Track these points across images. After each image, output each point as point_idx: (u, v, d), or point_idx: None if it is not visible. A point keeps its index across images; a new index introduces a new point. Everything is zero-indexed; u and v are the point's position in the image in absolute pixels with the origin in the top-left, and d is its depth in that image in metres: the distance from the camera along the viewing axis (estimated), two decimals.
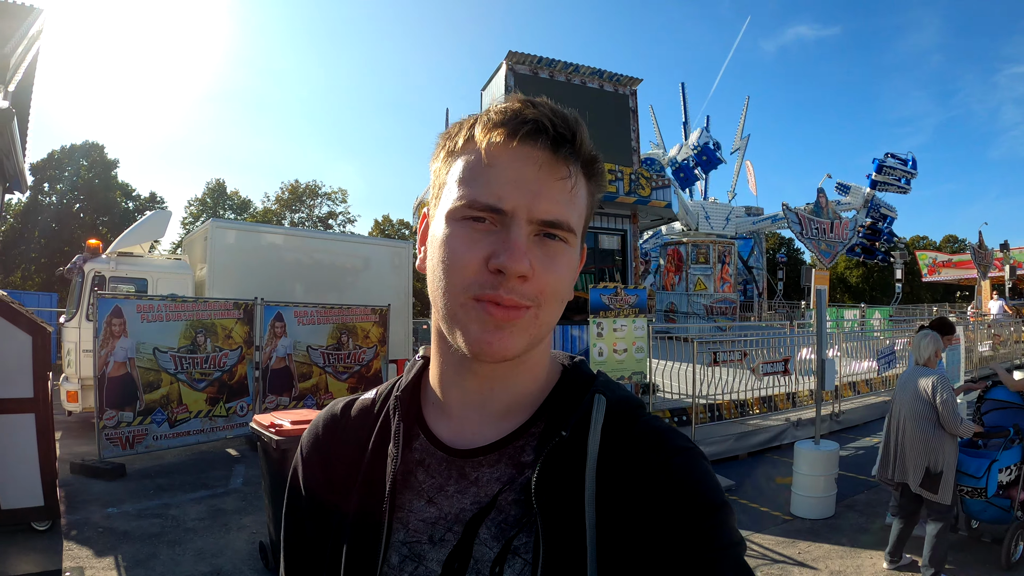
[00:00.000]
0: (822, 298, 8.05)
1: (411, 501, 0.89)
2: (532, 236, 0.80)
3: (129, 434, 8.66)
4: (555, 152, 0.80)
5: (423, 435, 0.92)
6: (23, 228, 35.76)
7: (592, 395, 0.88)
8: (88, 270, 11.03)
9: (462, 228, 0.80)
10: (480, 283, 0.78)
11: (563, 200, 0.81)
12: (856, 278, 58.63)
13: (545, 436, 0.85)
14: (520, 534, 0.81)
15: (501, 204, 0.78)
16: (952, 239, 61.40)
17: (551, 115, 0.81)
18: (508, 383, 0.89)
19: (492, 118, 0.81)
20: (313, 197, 51.64)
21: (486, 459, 0.87)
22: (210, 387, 9.55)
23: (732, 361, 10.20)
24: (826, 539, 6.40)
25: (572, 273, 0.86)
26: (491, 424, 0.90)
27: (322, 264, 14.05)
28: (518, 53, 12.04)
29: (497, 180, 0.79)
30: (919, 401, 5.38)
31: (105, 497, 7.38)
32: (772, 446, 9.82)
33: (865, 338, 15.11)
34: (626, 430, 0.85)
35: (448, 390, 0.92)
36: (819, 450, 7.11)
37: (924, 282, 41.61)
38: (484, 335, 0.79)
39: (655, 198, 11.93)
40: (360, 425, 0.99)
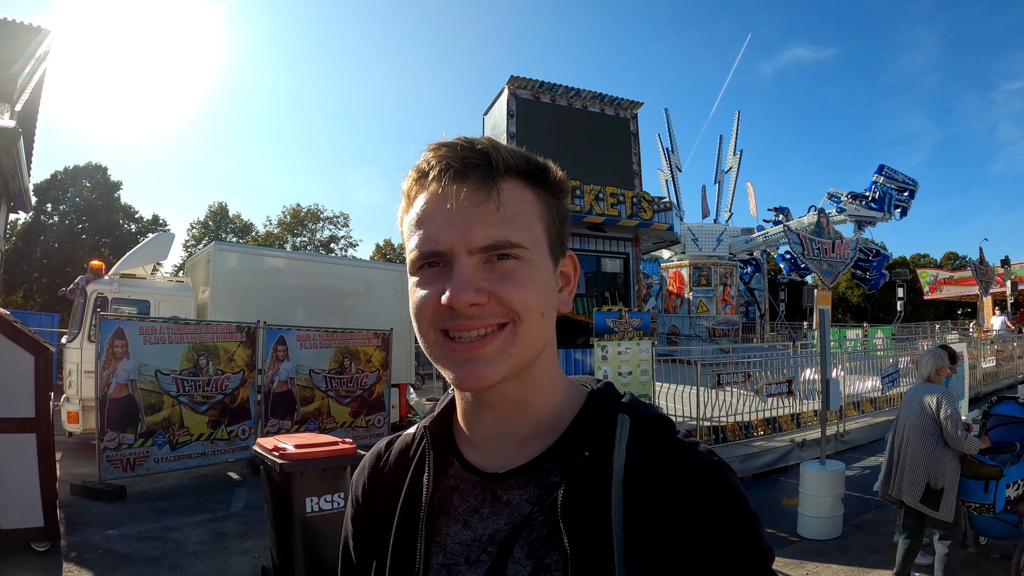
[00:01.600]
0: (825, 318, 8.02)
1: (448, 525, 0.91)
2: (482, 264, 0.83)
3: (130, 456, 8.62)
4: (467, 181, 0.83)
5: (457, 462, 0.96)
6: (26, 248, 35.85)
7: (616, 415, 0.89)
8: (91, 291, 11.05)
9: (420, 277, 0.86)
10: (441, 317, 0.83)
11: (494, 221, 0.83)
12: (857, 297, 58.52)
13: (570, 457, 0.87)
14: (552, 552, 0.82)
15: (439, 246, 0.83)
16: (953, 256, 61.34)
17: (457, 151, 0.84)
18: (522, 408, 0.91)
19: (412, 174, 0.88)
20: (315, 221, 51.76)
21: (516, 481, 0.89)
22: (212, 410, 9.52)
23: (736, 383, 10.16)
24: (834, 559, 6.33)
25: (543, 285, 0.87)
26: (517, 449, 0.92)
27: (324, 288, 14.07)
28: (520, 78, 12.10)
29: (431, 226, 0.84)
30: (923, 417, 5.32)
31: (105, 519, 7.34)
32: (777, 467, 9.75)
33: (868, 357, 15.07)
34: (651, 447, 0.86)
35: (470, 423, 0.96)
36: (825, 470, 7.07)
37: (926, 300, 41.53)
38: (457, 370, 0.84)
39: (657, 221, 11.94)
40: (401, 459, 1.03)
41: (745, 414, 10.54)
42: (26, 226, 36.33)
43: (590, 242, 11.96)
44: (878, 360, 14.28)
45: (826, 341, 7.98)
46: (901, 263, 54.00)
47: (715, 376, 9.99)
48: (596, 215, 11.32)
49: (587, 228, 11.63)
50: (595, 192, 11.28)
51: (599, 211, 11.35)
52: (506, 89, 12.46)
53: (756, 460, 9.66)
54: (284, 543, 5.05)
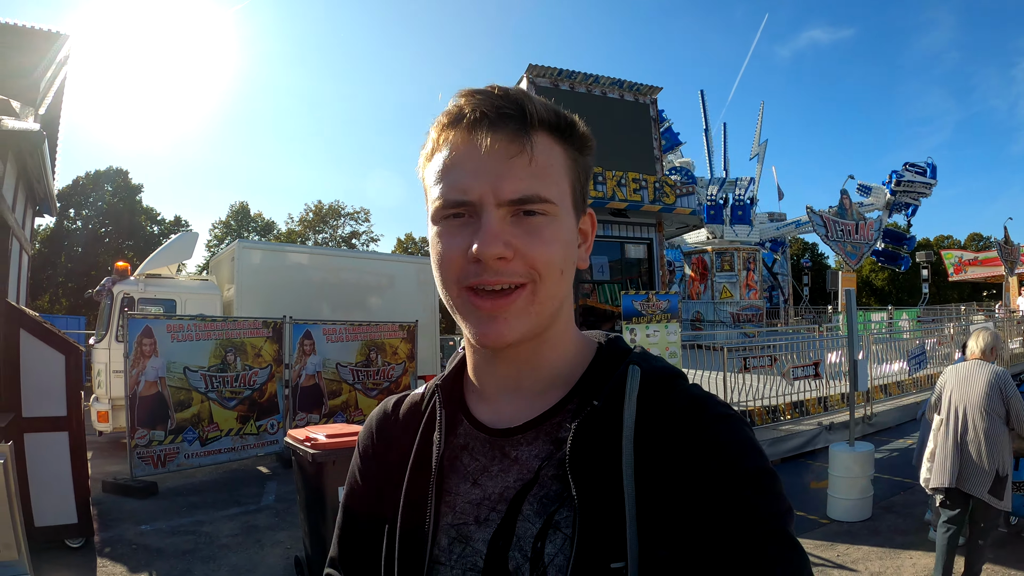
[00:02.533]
0: (851, 299, 7.93)
1: (458, 485, 0.91)
2: (509, 217, 0.82)
3: (161, 452, 8.71)
4: (502, 132, 0.82)
5: (466, 420, 0.95)
6: (50, 253, 36.23)
7: (626, 366, 0.88)
8: (117, 292, 11.15)
9: (444, 227, 0.85)
10: (466, 273, 0.82)
11: (526, 175, 0.81)
12: (882, 280, 57.96)
13: (579, 409, 0.85)
14: (561, 508, 0.82)
15: (467, 196, 0.81)
16: (977, 237, 60.55)
17: (493, 98, 0.83)
18: (535, 363, 0.91)
19: (442, 120, 0.86)
20: (336, 217, 51.88)
21: (524, 437, 0.89)
22: (240, 405, 9.60)
23: (762, 367, 10.10)
24: (864, 541, 6.31)
25: (566, 243, 0.86)
26: (527, 404, 0.91)
27: (348, 282, 14.13)
28: (538, 66, 12.06)
29: (459, 175, 0.82)
30: (991, 396, 4.81)
31: (138, 515, 7.42)
32: (805, 451, 9.70)
33: (894, 340, 14.93)
34: (663, 399, 0.84)
35: (483, 377, 0.96)
36: (854, 452, 7.01)
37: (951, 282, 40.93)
38: (480, 327, 0.83)
39: (680, 205, 11.84)
40: (410, 418, 1.03)
41: (772, 398, 10.49)
42: (50, 232, 36.70)
43: (613, 228, 11.89)
44: (904, 343, 14.14)
45: (853, 322, 7.89)
46: (925, 245, 53.38)
47: (741, 361, 9.94)
48: (619, 200, 11.25)
49: (610, 214, 11.55)
50: (617, 178, 11.22)
51: (621, 197, 11.28)
52: (524, 78, 12.42)
53: (784, 444, 9.61)
54: (317, 533, 5.08)
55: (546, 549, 0.81)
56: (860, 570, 5.61)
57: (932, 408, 5.37)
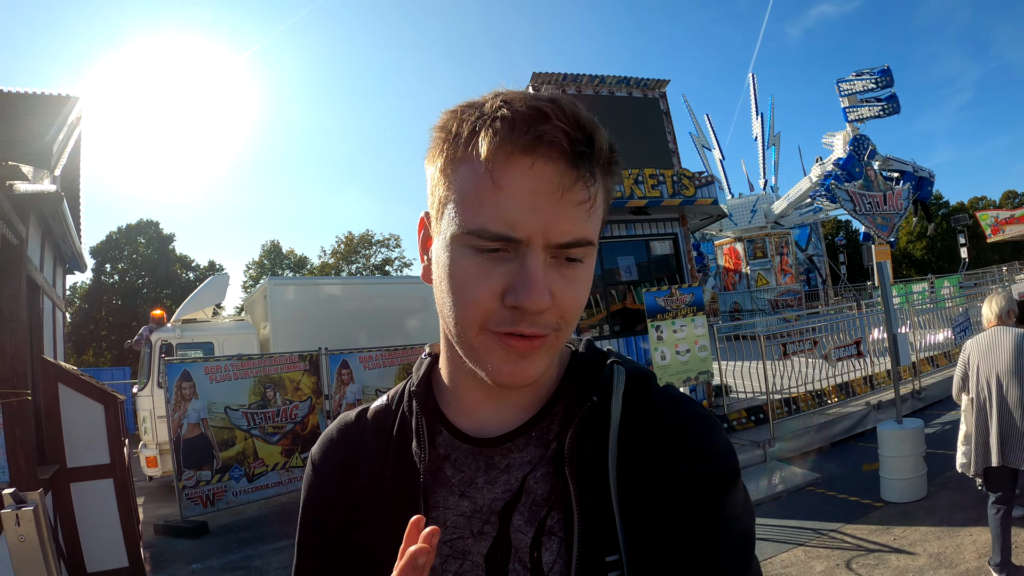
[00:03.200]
0: (885, 272, 7.77)
1: (444, 498, 0.88)
2: (549, 259, 0.74)
3: (209, 492, 8.80)
4: (574, 171, 0.72)
5: (445, 430, 0.90)
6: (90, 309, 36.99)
7: (611, 365, 0.89)
8: (155, 340, 11.35)
9: (472, 258, 0.74)
10: (497, 320, 0.74)
11: (581, 218, 0.74)
12: (920, 250, 56.91)
13: (571, 407, 0.85)
14: (552, 512, 0.82)
15: (515, 233, 0.71)
16: (1012, 194, 59.14)
17: (568, 124, 0.71)
18: None
19: (498, 128, 0.71)
20: (368, 246, 52.33)
21: (514, 444, 0.86)
22: (284, 439, 9.66)
23: (803, 352, 9.94)
24: (921, 521, 6.09)
25: (590, 285, 0.81)
26: (509, 411, 0.88)
27: (382, 309, 14.25)
28: (543, 73, 12.06)
29: (509, 206, 0.71)
30: (1019, 361, 4.53)
31: (190, 554, 7.50)
32: (855, 433, 9.50)
33: (937, 310, 14.61)
34: (643, 397, 0.87)
35: (462, 387, 0.90)
36: (903, 429, 6.84)
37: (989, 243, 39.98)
38: (506, 366, 0.76)
39: (701, 196, 11.72)
40: (378, 430, 0.97)
41: (816, 382, 10.31)
42: (88, 288, 37.52)
43: (636, 227, 11.77)
44: (947, 311, 13.82)
45: (888, 295, 7.75)
46: (960, 209, 52.23)
47: (781, 347, 9.79)
48: (638, 199, 11.15)
49: (631, 213, 11.46)
50: (633, 176, 11.12)
51: (640, 194, 11.18)
52: (529, 87, 12.22)
53: (832, 428, 9.45)
54: None
55: (543, 558, 0.81)
56: (918, 552, 5.42)
57: (959, 388, 5.09)
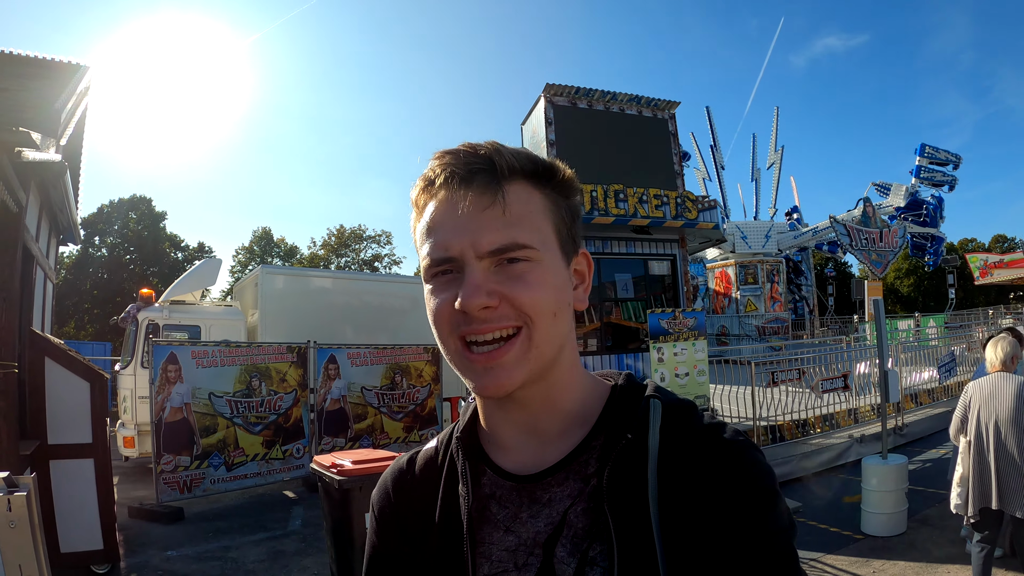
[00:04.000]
0: (880, 308, 7.80)
1: (490, 534, 0.91)
2: (492, 267, 0.84)
3: (187, 478, 8.72)
4: (473, 187, 0.85)
5: (489, 470, 0.95)
6: (75, 280, 36.68)
7: (647, 400, 0.91)
8: (142, 319, 11.23)
9: (434, 284, 0.88)
10: (457, 323, 0.84)
11: (501, 225, 0.84)
12: (907, 287, 57.33)
13: (608, 444, 0.88)
14: (594, 543, 0.84)
15: (449, 252, 0.84)
16: (1001, 239, 59.76)
17: (460, 156, 0.86)
18: (548, 406, 0.92)
19: (418, 184, 0.90)
20: (358, 241, 52.20)
21: (554, 479, 0.89)
22: (266, 430, 9.60)
23: (790, 380, 9.97)
24: (901, 556, 6.16)
25: (555, 285, 0.88)
26: (549, 447, 0.92)
27: (371, 305, 14.18)
28: (556, 85, 12.06)
29: (440, 233, 0.86)
30: (1020, 409, 4.58)
31: (164, 540, 7.42)
32: (837, 464, 9.54)
33: (922, 348, 14.70)
34: (682, 428, 0.88)
35: (497, 425, 0.96)
36: (887, 464, 6.88)
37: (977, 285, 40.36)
38: (478, 380, 0.85)
39: (702, 220, 11.78)
40: (427, 474, 1.03)
41: (801, 412, 10.34)
42: (75, 259, 37.19)
43: (636, 245, 11.82)
44: (932, 350, 13.90)
45: (882, 332, 7.77)
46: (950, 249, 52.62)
47: (769, 375, 9.82)
48: (641, 217, 11.19)
49: (632, 231, 11.51)
50: (638, 195, 11.15)
51: (643, 213, 11.22)
52: (542, 97, 12.40)
53: (815, 458, 9.46)
54: (344, 560, 5.03)
55: None
56: None
57: (958, 429, 5.09)
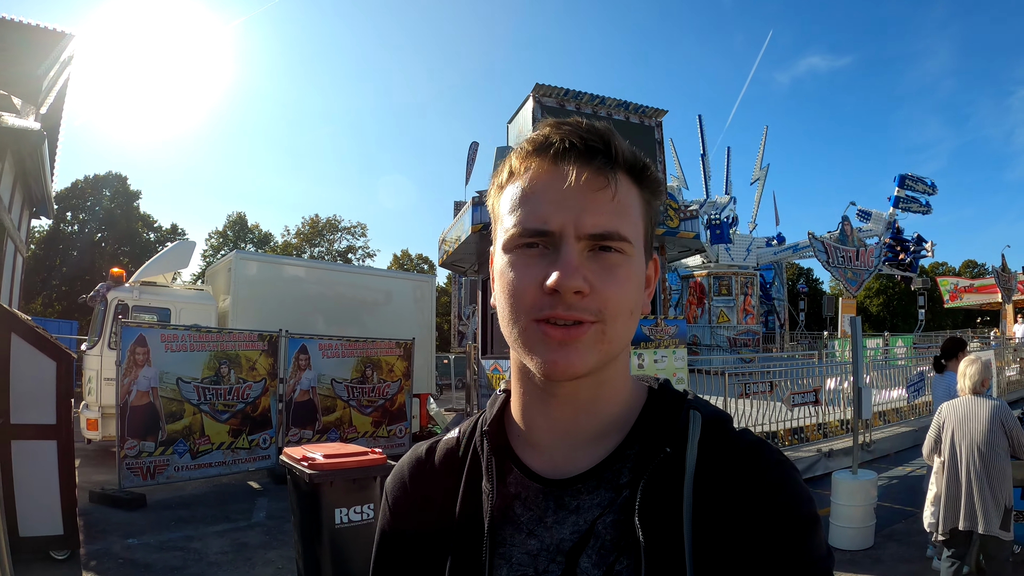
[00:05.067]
0: (856, 325, 7.87)
1: (512, 535, 0.87)
2: (586, 252, 0.80)
3: (150, 464, 8.56)
4: (589, 165, 0.80)
5: (516, 468, 0.91)
6: (45, 256, 36.17)
7: (687, 411, 0.88)
8: (112, 298, 11.04)
9: (517, 256, 0.82)
10: (539, 305, 0.79)
11: (608, 210, 0.81)
12: (877, 307, 58.15)
13: (644, 455, 0.85)
14: (621, 557, 0.81)
15: (547, 226, 0.80)
16: (972, 264, 60.87)
17: (580, 131, 0.82)
18: (592, 406, 0.88)
19: (525, 147, 0.85)
20: (333, 231, 51.99)
21: (585, 486, 0.86)
22: (233, 419, 9.47)
23: (760, 393, 10.03)
24: (867, 570, 6.24)
25: (638, 284, 0.86)
26: (582, 451, 0.88)
27: (345, 297, 14.06)
28: (545, 86, 12.04)
29: (540, 204, 0.81)
30: (995, 431, 4.73)
31: (125, 527, 7.28)
32: (805, 478, 9.55)
33: (890, 367, 14.89)
34: (720, 444, 0.85)
35: (534, 420, 0.91)
36: (857, 479, 6.96)
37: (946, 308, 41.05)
38: (548, 355, 0.79)
39: (683, 229, 11.82)
40: (447, 466, 0.98)
41: (770, 424, 10.40)
42: (46, 234, 36.67)
43: None
44: (901, 369, 14.10)
45: (858, 349, 7.81)
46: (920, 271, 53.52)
47: (742, 386, 9.87)
48: None
49: None
50: None
51: None
52: (531, 97, 12.38)
53: None
54: (312, 555, 4.95)
55: None
56: None
57: (931, 449, 5.23)
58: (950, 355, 6.85)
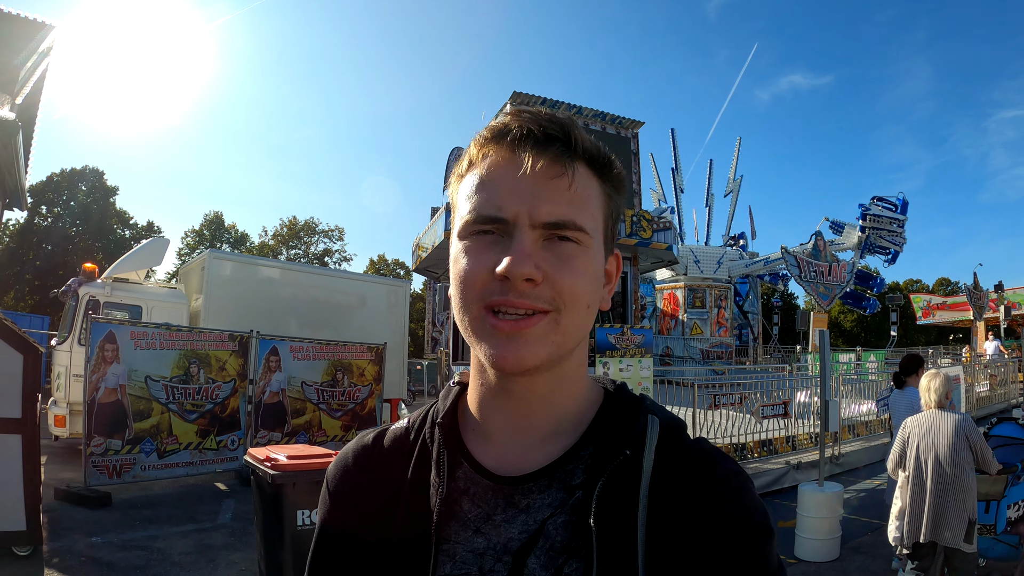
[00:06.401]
0: (825, 339, 7.97)
1: (457, 532, 0.85)
2: (541, 240, 0.79)
3: (116, 462, 8.50)
4: (546, 153, 0.80)
5: (466, 463, 0.89)
6: (18, 249, 35.75)
7: (646, 415, 0.87)
8: (83, 294, 10.95)
9: (471, 243, 0.81)
10: (490, 291, 0.78)
11: (564, 200, 0.80)
12: (850, 323, 58.71)
13: (601, 456, 0.84)
14: (571, 560, 0.79)
15: (502, 213, 0.79)
16: (945, 282, 61.59)
17: (539, 119, 0.82)
18: (548, 402, 0.87)
19: (484, 135, 0.84)
20: (310, 234, 51.77)
21: (536, 485, 0.84)
22: (201, 419, 9.41)
23: (731, 404, 10.11)
24: None
25: (595, 276, 0.84)
26: (536, 448, 0.87)
27: (318, 300, 14.01)
28: (522, 94, 12.10)
29: (496, 191, 0.80)
30: (959, 445, 4.78)
31: (89, 525, 7.23)
32: (772, 490, 9.67)
33: (861, 381, 15.05)
34: (677, 450, 0.85)
35: (488, 415, 0.90)
36: (823, 492, 7.01)
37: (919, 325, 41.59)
38: (497, 348, 0.78)
39: (656, 240, 11.92)
40: (395, 456, 0.95)
41: (740, 436, 10.47)
42: (20, 227, 36.22)
43: None
44: (871, 384, 14.26)
45: (826, 363, 7.92)
46: (894, 288, 54.10)
47: (711, 398, 9.93)
48: None
49: None
50: None
51: None
52: (508, 105, 12.37)
53: None
54: (273, 556, 4.93)
55: None
56: None
57: (896, 464, 5.27)
58: (909, 371, 6.96)
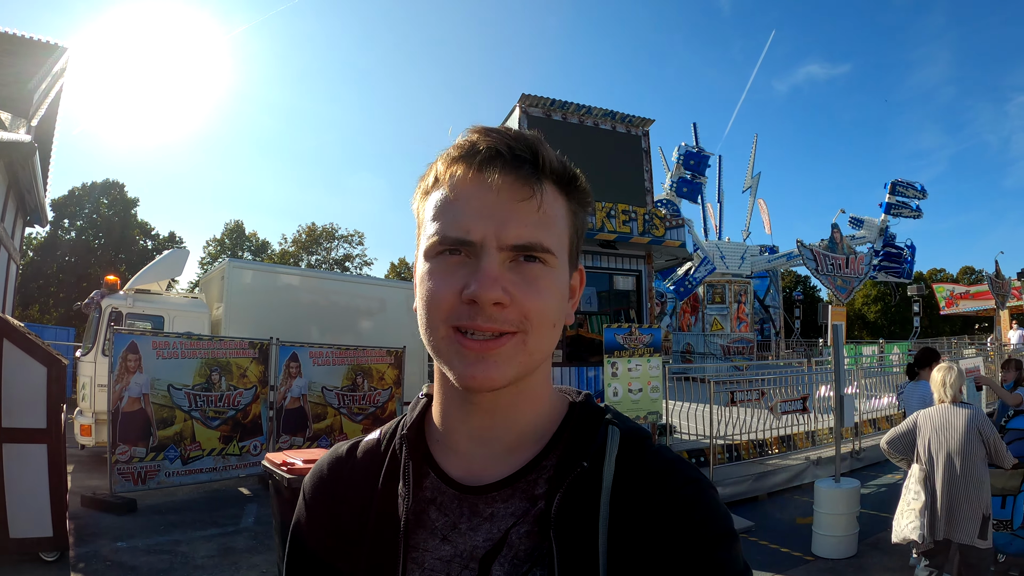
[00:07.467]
0: (839, 334, 7.92)
1: (425, 540, 0.87)
2: (507, 262, 0.80)
3: (141, 470, 8.63)
4: (514, 174, 0.80)
5: (433, 473, 0.91)
6: (42, 263, 36.12)
7: (606, 426, 0.88)
8: (105, 306, 11.10)
9: (438, 263, 0.82)
10: (457, 314, 0.79)
11: (532, 222, 0.80)
12: (874, 314, 57.99)
13: (562, 467, 0.85)
14: (534, 568, 0.81)
15: (469, 236, 0.79)
16: (969, 270, 60.54)
17: (507, 139, 0.81)
18: (511, 416, 0.88)
19: (451, 153, 0.83)
20: (330, 240, 51.70)
21: (499, 494, 0.86)
22: (224, 425, 9.53)
23: (750, 400, 10.07)
24: None
25: (561, 296, 0.85)
26: (500, 459, 0.89)
27: (338, 305, 14.09)
28: (531, 96, 12.12)
29: (463, 212, 0.80)
30: (973, 440, 4.72)
31: (115, 531, 7.35)
32: (792, 486, 9.64)
33: (884, 374, 14.90)
34: (638, 460, 0.86)
35: (453, 426, 0.91)
36: (839, 488, 6.95)
37: (942, 315, 40.99)
38: (466, 368, 0.80)
39: (669, 238, 11.90)
40: (367, 466, 0.97)
41: (759, 432, 10.44)
42: (43, 241, 36.65)
43: (602, 259, 11.94)
44: (894, 376, 14.10)
45: (840, 357, 7.88)
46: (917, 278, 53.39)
47: (729, 394, 9.91)
48: (608, 232, 11.31)
49: (599, 246, 11.61)
50: (607, 209, 11.28)
51: (611, 228, 11.33)
52: (517, 107, 12.45)
53: (770, 479, 9.56)
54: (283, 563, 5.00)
55: None
56: None
57: (889, 444, 5.28)
58: (923, 364, 6.90)
